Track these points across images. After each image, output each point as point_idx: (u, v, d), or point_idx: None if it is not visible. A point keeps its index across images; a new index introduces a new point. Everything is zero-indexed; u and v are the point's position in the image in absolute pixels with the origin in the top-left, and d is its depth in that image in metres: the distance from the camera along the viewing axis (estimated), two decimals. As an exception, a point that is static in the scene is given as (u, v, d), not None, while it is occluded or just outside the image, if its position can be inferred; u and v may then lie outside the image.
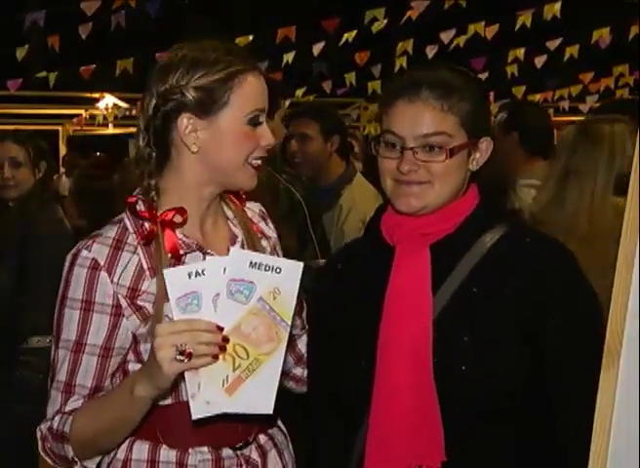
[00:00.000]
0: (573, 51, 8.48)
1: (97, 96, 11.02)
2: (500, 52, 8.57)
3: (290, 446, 1.89)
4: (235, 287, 1.48)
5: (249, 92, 1.68)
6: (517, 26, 7.68)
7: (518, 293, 1.64)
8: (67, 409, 1.66)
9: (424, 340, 1.63)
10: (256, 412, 1.51)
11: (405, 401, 1.64)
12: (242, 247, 1.76)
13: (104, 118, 11.11)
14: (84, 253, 1.67)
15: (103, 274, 1.65)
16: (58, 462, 1.69)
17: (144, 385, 1.52)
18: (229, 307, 1.47)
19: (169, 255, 1.67)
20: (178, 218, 1.68)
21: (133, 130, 11.27)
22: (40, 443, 1.68)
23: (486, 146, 1.72)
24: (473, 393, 1.61)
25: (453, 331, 1.64)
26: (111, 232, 1.70)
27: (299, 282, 1.50)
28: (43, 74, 8.54)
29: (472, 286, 1.66)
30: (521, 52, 8.55)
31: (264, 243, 1.87)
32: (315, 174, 3.88)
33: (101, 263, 1.65)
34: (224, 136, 1.68)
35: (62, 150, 11.46)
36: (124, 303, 1.65)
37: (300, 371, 1.98)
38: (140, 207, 1.70)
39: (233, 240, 1.78)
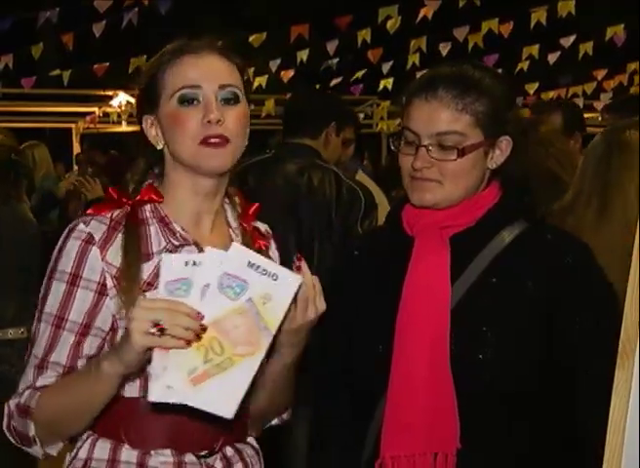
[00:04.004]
0: (587, 48, 8.44)
1: (110, 93, 11.05)
2: (513, 49, 8.54)
3: (261, 463, 1.82)
4: (227, 281, 1.45)
5: (178, 71, 1.65)
6: (532, 24, 7.65)
7: (537, 287, 1.66)
8: (38, 384, 1.62)
9: (442, 329, 1.65)
10: (215, 413, 1.45)
11: (421, 388, 1.66)
12: None
13: (118, 116, 11.13)
14: (81, 226, 1.65)
15: (95, 249, 1.63)
16: (19, 441, 1.65)
17: (112, 360, 1.49)
18: (216, 300, 1.44)
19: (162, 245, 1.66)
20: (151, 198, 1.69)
21: (146, 127, 11.30)
22: (5, 419, 1.64)
23: (505, 145, 1.73)
24: (489, 382, 1.63)
25: (471, 321, 1.66)
26: (110, 214, 1.69)
27: (293, 295, 1.47)
28: (57, 72, 8.57)
29: (491, 277, 1.69)
30: (535, 49, 8.52)
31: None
32: None
33: (96, 239, 1.64)
34: (166, 124, 1.67)
35: (76, 148, 11.50)
36: (110, 283, 1.64)
37: None
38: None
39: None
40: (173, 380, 1.43)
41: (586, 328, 1.65)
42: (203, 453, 1.68)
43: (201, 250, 1.64)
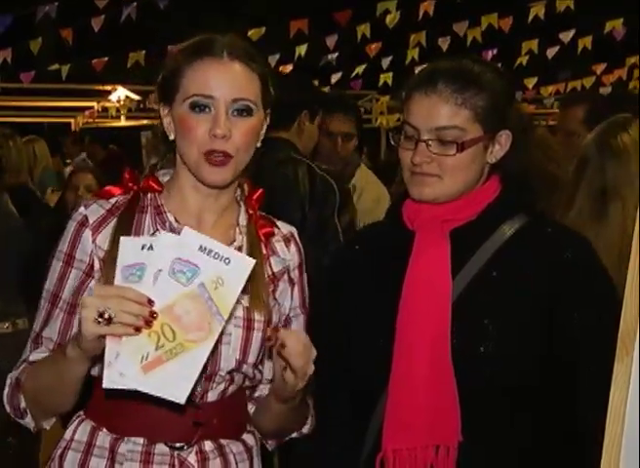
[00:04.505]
0: (586, 42, 8.43)
1: (109, 88, 11.03)
2: (513, 44, 8.53)
3: (254, 461, 1.76)
4: (179, 266, 1.45)
5: (195, 76, 1.64)
6: (530, 18, 7.65)
7: (538, 281, 1.67)
8: (31, 358, 1.68)
9: (443, 323, 1.66)
10: (167, 398, 1.46)
11: (423, 383, 1.67)
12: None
13: (117, 110, 11.12)
14: (81, 209, 1.70)
15: (87, 231, 1.67)
16: (14, 412, 1.69)
17: (73, 344, 1.52)
18: (168, 285, 1.44)
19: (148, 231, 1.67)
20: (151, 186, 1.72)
21: (145, 122, 11.32)
22: (6, 389, 1.69)
23: (505, 139, 1.73)
24: (491, 376, 1.64)
25: (472, 314, 1.67)
26: (114, 199, 1.72)
27: (245, 278, 1.46)
28: (55, 67, 8.56)
29: (492, 270, 1.69)
30: (534, 43, 8.51)
31: (274, 260, 1.77)
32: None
33: (90, 221, 1.68)
34: (177, 124, 1.67)
35: (75, 143, 11.48)
36: (97, 265, 1.67)
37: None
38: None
39: (230, 243, 1.71)
40: (125, 367, 1.44)
41: (587, 322, 1.65)
42: (178, 445, 1.66)
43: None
